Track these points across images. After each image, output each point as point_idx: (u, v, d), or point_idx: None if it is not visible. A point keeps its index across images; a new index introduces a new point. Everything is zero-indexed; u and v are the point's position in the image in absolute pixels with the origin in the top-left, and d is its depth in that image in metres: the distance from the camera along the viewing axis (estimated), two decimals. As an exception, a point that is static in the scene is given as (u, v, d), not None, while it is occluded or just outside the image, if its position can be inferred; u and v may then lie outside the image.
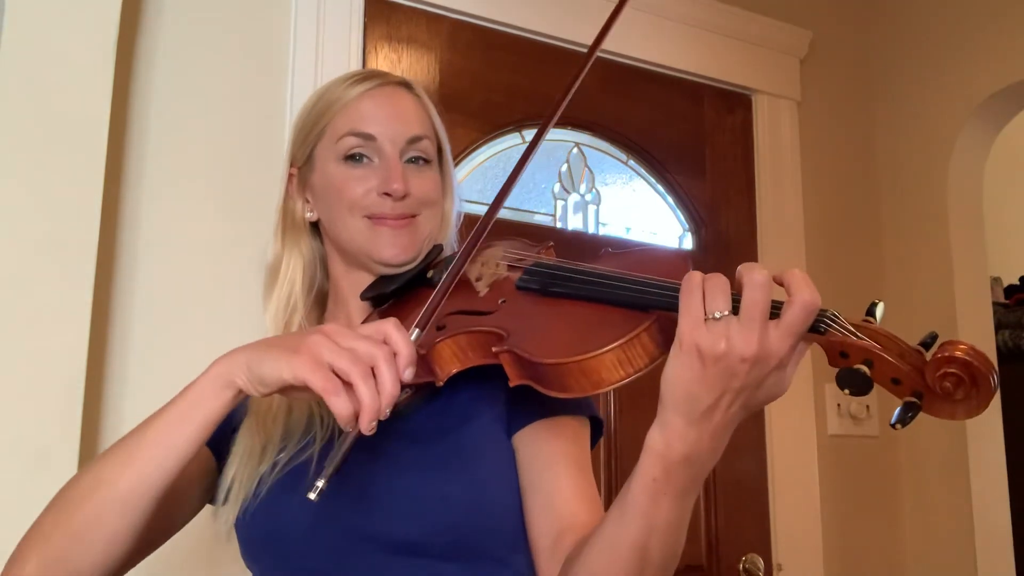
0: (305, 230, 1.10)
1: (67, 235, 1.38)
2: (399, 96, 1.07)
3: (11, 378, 1.32)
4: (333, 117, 1.05)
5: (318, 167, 1.06)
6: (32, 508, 1.05)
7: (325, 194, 1.05)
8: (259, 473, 0.93)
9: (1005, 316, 2.79)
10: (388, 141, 1.03)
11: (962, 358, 0.67)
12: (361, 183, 1.02)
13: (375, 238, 1.01)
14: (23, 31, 1.39)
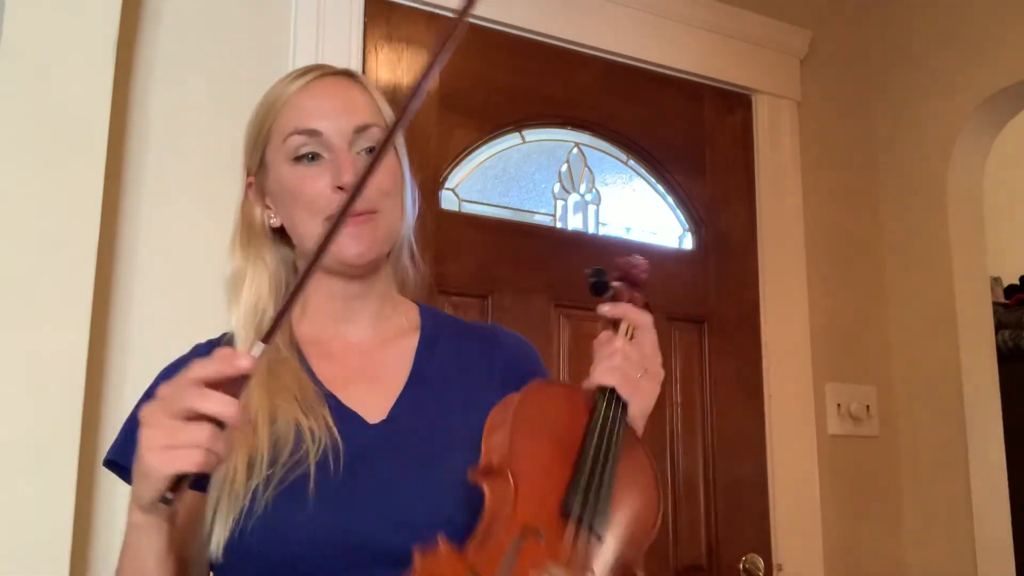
0: (267, 238, 1.06)
1: (67, 235, 1.38)
2: (341, 86, 1.04)
3: (11, 378, 1.32)
4: (276, 117, 1.02)
5: (271, 172, 1.02)
6: (32, 508, 1.05)
7: (282, 198, 1.01)
8: (250, 488, 0.88)
9: (1005, 316, 2.79)
10: (335, 133, 0.99)
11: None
12: (314, 181, 0.98)
13: (338, 242, 0.95)
14: (23, 31, 1.39)
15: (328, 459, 0.90)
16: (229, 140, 1.63)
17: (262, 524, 0.87)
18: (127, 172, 1.55)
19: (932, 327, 2.30)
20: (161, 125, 1.59)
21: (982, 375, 2.28)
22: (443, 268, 1.82)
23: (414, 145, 1.83)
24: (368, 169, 0.79)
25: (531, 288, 1.93)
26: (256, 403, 0.93)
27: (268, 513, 0.87)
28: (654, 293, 1.03)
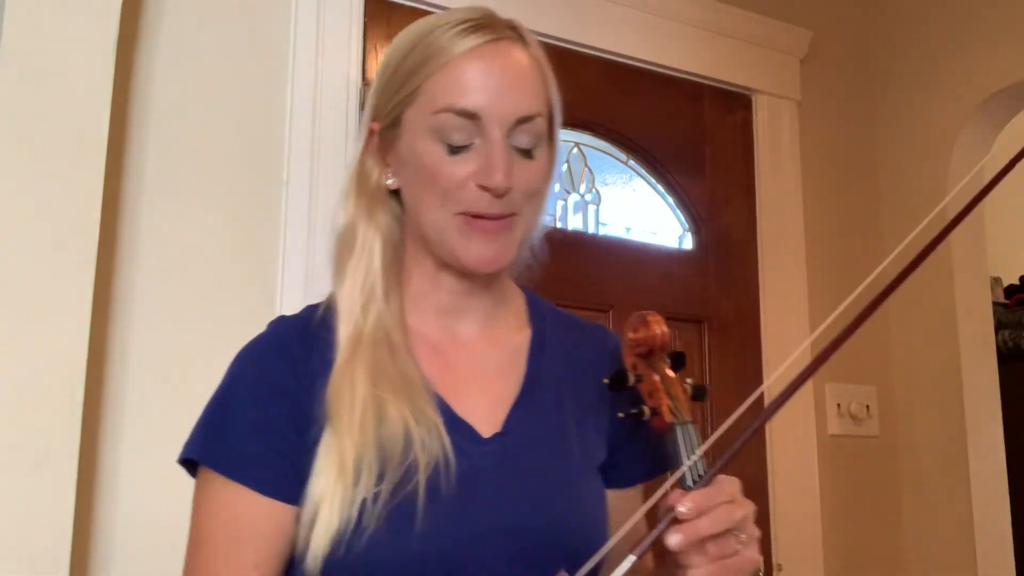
0: (384, 199, 0.92)
1: (67, 235, 1.38)
2: (512, 57, 0.87)
3: (11, 378, 1.32)
4: (431, 75, 0.85)
5: (405, 136, 0.88)
6: (32, 508, 1.05)
7: (412, 171, 0.88)
8: (357, 497, 0.78)
9: (1005, 316, 2.79)
10: (495, 121, 0.84)
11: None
12: (457, 169, 0.85)
13: (464, 241, 0.86)
14: (23, 31, 1.39)
15: (439, 475, 0.80)
16: (230, 140, 1.64)
17: (371, 545, 0.77)
18: (127, 172, 1.55)
19: (932, 327, 2.30)
20: (161, 125, 1.59)
21: (982, 375, 2.28)
22: (443, 268, 1.81)
23: (414, 145, 1.83)
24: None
25: (531, 288, 1.92)
26: (361, 394, 0.82)
27: (377, 533, 0.78)
28: (654, 293, 1.01)
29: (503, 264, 0.88)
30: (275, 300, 1.63)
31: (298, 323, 0.91)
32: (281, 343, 0.89)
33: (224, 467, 0.84)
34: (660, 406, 0.82)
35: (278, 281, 1.63)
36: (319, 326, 0.88)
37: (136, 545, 1.46)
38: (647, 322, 0.86)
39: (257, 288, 1.62)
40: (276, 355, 0.88)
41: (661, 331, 0.85)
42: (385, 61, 0.91)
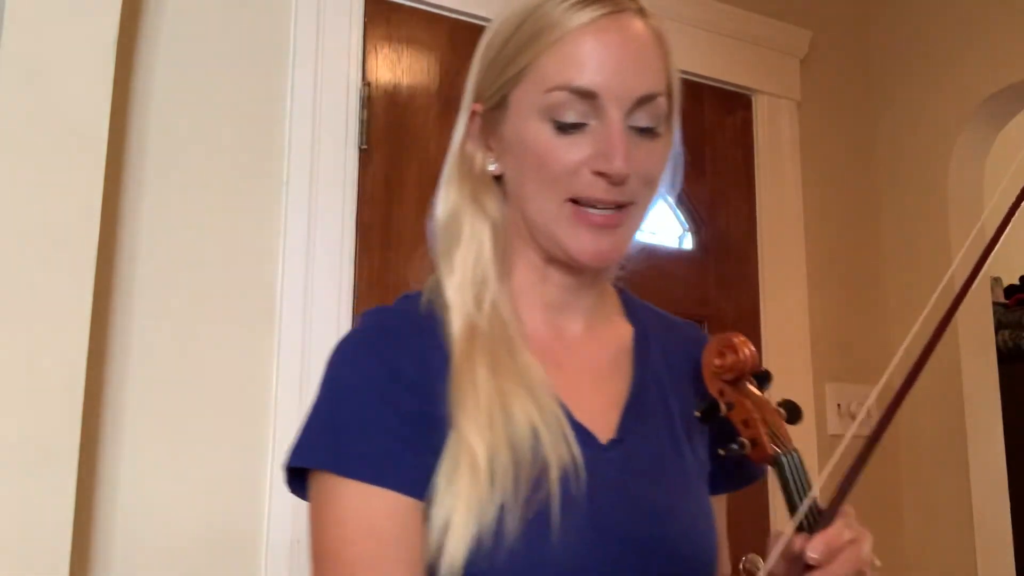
0: (490, 184, 0.86)
1: (67, 235, 1.38)
2: (633, 30, 0.80)
3: (11, 378, 1.32)
4: (542, 52, 0.79)
5: (512, 117, 0.82)
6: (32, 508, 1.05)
7: (519, 156, 0.82)
8: (494, 501, 0.72)
9: (1005, 316, 2.79)
10: (614, 100, 0.77)
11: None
12: (570, 153, 0.78)
13: (573, 231, 0.79)
14: (23, 31, 1.39)
15: (569, 482, 0.75)
16: (229, 139, 1.64)
17: (511, 555, 0.72)
18: (127, 172, 1.55)
19: (932, 327, 2.30)
20: (161, 125, 1.59)
21: (982, 375, 2.28)
22: (443, 268, 1.81)
23: (414, 145, 1.83)
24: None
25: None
26: (485, 390, 0.76)
27: (517, 541, 0.72)
28: (654, 293, 1.01)
29: (617, 258, 0.83)
30: (275, 300, 1.63)
31: (405, 315, 0.84)
32: (398, 334, 0.81)
33: (358, 470, 0.74)
34: (759, 437, 0.78)
35: (278, 281, 1.63)
36: (426, 318, 0.82)
37: (136, 545, 1.46)
38: (733, 345, 0.80)
39: (257, 288, 1.62)
40: (395, 347, 0.80)
41: (749, 352, 0.80)
42: (489, 38, 0.85)
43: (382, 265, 1.75)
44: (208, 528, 1.52)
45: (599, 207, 0.79)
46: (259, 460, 1.57)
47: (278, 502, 1.56)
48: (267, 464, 1.57)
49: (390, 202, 1.78)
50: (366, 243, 1.73)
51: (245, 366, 1.59)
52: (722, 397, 0.80)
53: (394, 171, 1.79)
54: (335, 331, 1.66)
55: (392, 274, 1.76)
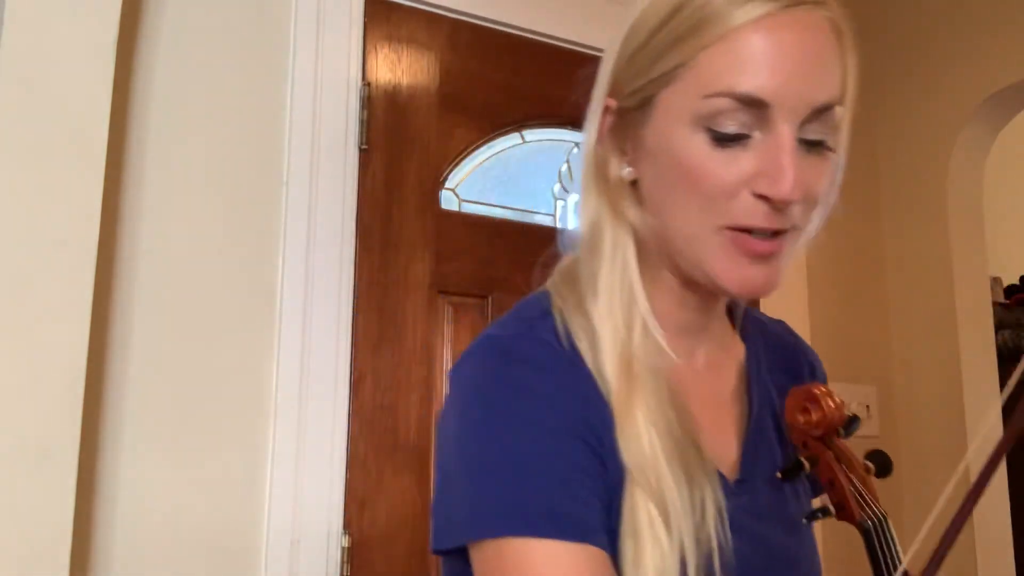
0: (626, 190, 0.74)
1: (67, 235, 1.38)
2: (813, 28, 0.68)
3: (11, 378, 1.32)
4: (701, 50, 0.66)
5: (657, 121, 0.70)
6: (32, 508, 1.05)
7: (664, 167, 0.70)
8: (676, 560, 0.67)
9: (1005, 316, 2.79)
10: (786, 110, 0.66)
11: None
12: (729, 171, 0.67)
13: (726, 259, 0.68)
14: (23, 31, 1.39)
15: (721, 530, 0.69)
16: (229, 140, 1.64)
17: None
18: (127, 172, 1.55)
19: (932, 327, 2.31)
20: (161, 125, 1.59)
21: (982, 375, 2.28)
22: (443, 268, 1.82)
23: (414, 145, 1.83)
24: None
25: (531, 288, 1.92)
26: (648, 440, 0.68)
27: None
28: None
29: (774, 289, 0.70)
30: (275, 300, 1.63)
31: (549, 345, 0.71)
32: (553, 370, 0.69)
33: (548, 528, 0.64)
34: (845, 500, 0.71)
35: (278, 281, 1.64)
36: (570, 348, 0.71)
37: (136, 545, 1.46)
38: (816, 399, 0.72)
39: (257, 288, 1.62)
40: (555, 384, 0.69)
41: (834, 405, 0.72)
42: (635, 22, 0.73)
43: (382, 265, 1.75)
44: (208, 528, 1.52)
45: (757, 233, 0.67)
46: (259, 460, 1.57)
47: (278, 502, 1.56)
48: (267, 464, 1.57)
49: (390, 202, 1.78)
50: (366, 243, 1.73)
51: (245, 366, 1.59)
52: (805, 450, 0.74)
53: (394, 171, 1.79)
54: (335, 331, 1.66)
55: (392, 274, 1.76)
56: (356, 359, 1.69)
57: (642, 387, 0.69)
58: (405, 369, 1.73)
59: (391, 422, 1.70)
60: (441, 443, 0.72)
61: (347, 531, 1.62)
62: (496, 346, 0.71)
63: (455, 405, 0.70)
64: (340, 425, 1.65)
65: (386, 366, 1.72)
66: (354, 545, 1.63)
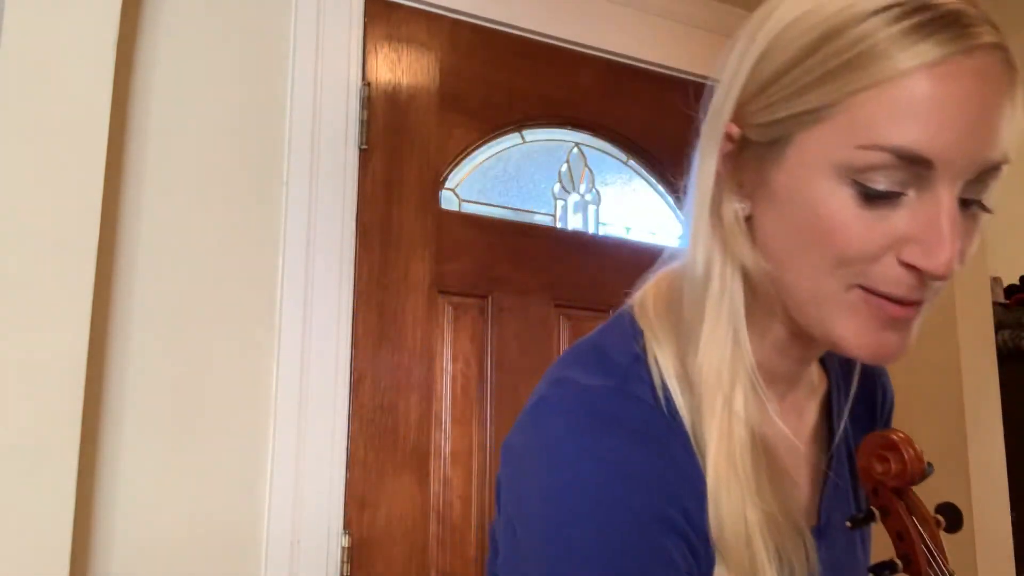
0: (741, 229, 0.65)
1: (67, 235, 1.38)
2: (994, 76, 0.57)
3: (11, 378, 1.32)
4: (859, 92, 0.56)
5: (791, 164, 0.61)
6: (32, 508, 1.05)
7: (793, 217, 0.61)
8: None
9: (1005, 316, 2.78)
10: (952, 171, 0.57)
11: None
12: (875, 232, 0.58)
13: (855, 322, 0.61)
14: (23, 31, 1.39)
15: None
16: (229, 140, 1.64)
17: None
18: (127, 171, 1.55)
19: (932, 327, 2.30)
20: (161, 125, 1.59)
21: (982, 375, 2.28)
22: (443, 268, 1.82)
23: (414, 145, 1.83)
24: None
25: (531, 288, 1.93)
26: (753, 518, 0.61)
27: None
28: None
29: (905, 354, 0.63)
30: (275, 300, 1.63)
31: (648, 408, 0.63)
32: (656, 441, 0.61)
33: None
34: (914, 556, 0.67)
35: (278, 281, 1.64)
36: (668, 408, 0.63)
37: (136, 545, 1.46)
38: (896, 448, 0.67)
39: (257, 288, 1.62)
40: (659, 462, 0.61)
41: (914, 455, 0.66)
42: (772, 45, 0.62)
43: (382, 265, 1.75)
44: (208, 528, 1.52)
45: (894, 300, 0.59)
46: (259, 460, 1.57)
47: (278, 502, 1.56)
48: (267, 464, 1.58)
49: (390, 202, 1.78)
50: (366, 243, 1.73)
51: (245, 366, 1.59)
52: (876, 498, 0.69)
53: (394, 171, 1.80)
54: (335, 331, 1.66)
55: (392, 274, 1.76)
56: (356, 359, 1.69)
57: (741, 453, 0.62)
58: (405, 369, 1.74)
59: (391, 422, 1.70)
60: (515, 498, 0.64)
61: (347, 531, 1.62)
62: (587, 406, 0.62)
63: (536, 468, 0.62)
64: (340, 425, 1.65)
65: (386, 366, 1.72)
66: (354, 545, 1.63)
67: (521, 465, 0.64)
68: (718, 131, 0.65)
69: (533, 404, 0.64)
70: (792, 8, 0.61)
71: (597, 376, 0.63)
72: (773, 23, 0.62)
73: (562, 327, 1.96)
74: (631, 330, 0.67)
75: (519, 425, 0.65)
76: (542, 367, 0.72)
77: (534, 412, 0.64)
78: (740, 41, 0.67)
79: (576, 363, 0.66)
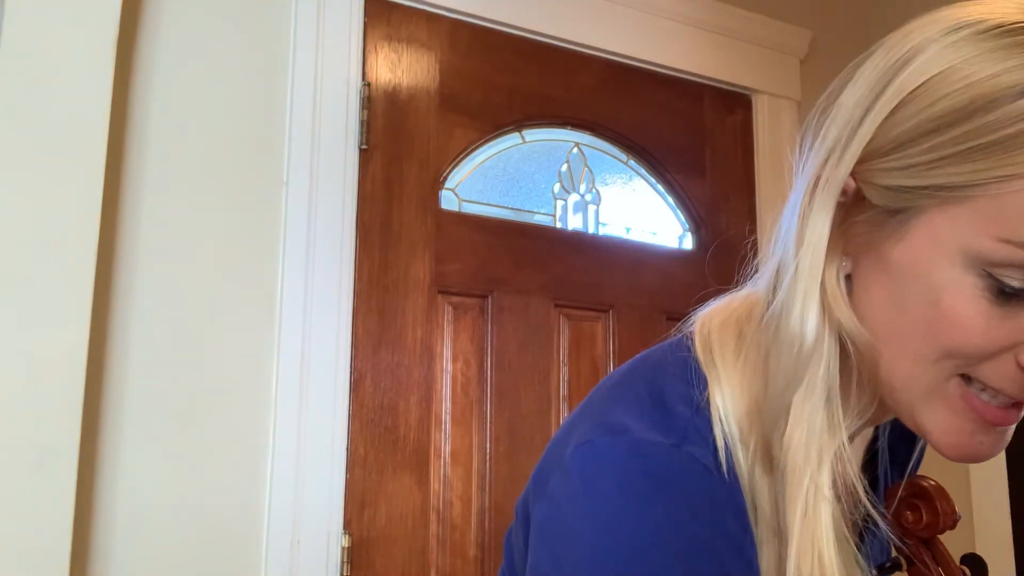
0: (842, 292, 0.59)
1: (67, 235, 1.38)
2: None
3: (11, 378, 1.32)
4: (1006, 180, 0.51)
5: (914, 241, 0.55)
6: (32, 508, 1.05)
7: (906, 295, 0.56)
8: None
9: (1005, 316, 2.78)
10: None
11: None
12: (1000, 333, 0.53)
13: (949, 417, 0.56)
14: (23, 31, 1.39)
15: None
16: (229, 140, 1.64)
17: None
18: (127, 172, 1.55)
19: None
20: (161, 125, 1.59)
21: (982, 375, 2.28)
22: (443, 268, 1.82)
23: (414, 145, 1.83)
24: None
25: (531, 288, 1.93)
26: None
27: None
28: (654, 293, 1.00)
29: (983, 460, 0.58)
30: (275, 300, 1.63)
31: (710, 476, 0.57)
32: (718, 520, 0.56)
33: None
34: None
35: (278, 281, 1.64)
36: (731, 476, 0.58)
37: (136, 545, 1.46)
38: (930, 499, 0.64)
39: (257, 288, 1.62)
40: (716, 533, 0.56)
41: (948, 507, 0.64)
42: (911, 92, 0.55)
43: (382, 265, 1.75)
44: (208, 528, 1.52)
45: (997, 396, 0.55)
46: (259, 460, 1.57)
47: (278, 502, 1.56)
48: (267, 464, 1.58)
49: (390, 202, 1.78)
50: (366, 243, 1.73)
51: (245, 366, 1.59)
52: (904, 548, 0.66)
53: (394, 171, 1.80)
54: (335, 331, 1.66)
55: (392, 274, 1.76)
56: (356, 359, 1.69)
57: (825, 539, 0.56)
58: (405, 369, 1.74)
59: (391, 422, 1.70)
60: (549, 549, 0.59)
61: (347, 531, 1.62)
62: (642, 464, 0.56)
63: (581, 526, 0.56)
64: (340, 425, 1.65)
65: (386, 366, 1.72)
66: (354, 545, 1.63)
67: (561, 514, 0.58)
68: (836, 182, 0.58)
69: (580, 447, 0.58)
70: (937, 60, 0.54)
71: (657, 431, 0.57)
72: (912, 73, 0.55)
73: (562, 327, 1.96)
74: (692, 371, 0.61)
75: (559, 463, 0.59)
76: (542, 367, 0.71)
77: (581, 458, 0.57)
78: (863, 80, 0.60)
79: (633, 408, 0.59)
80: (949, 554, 0.66)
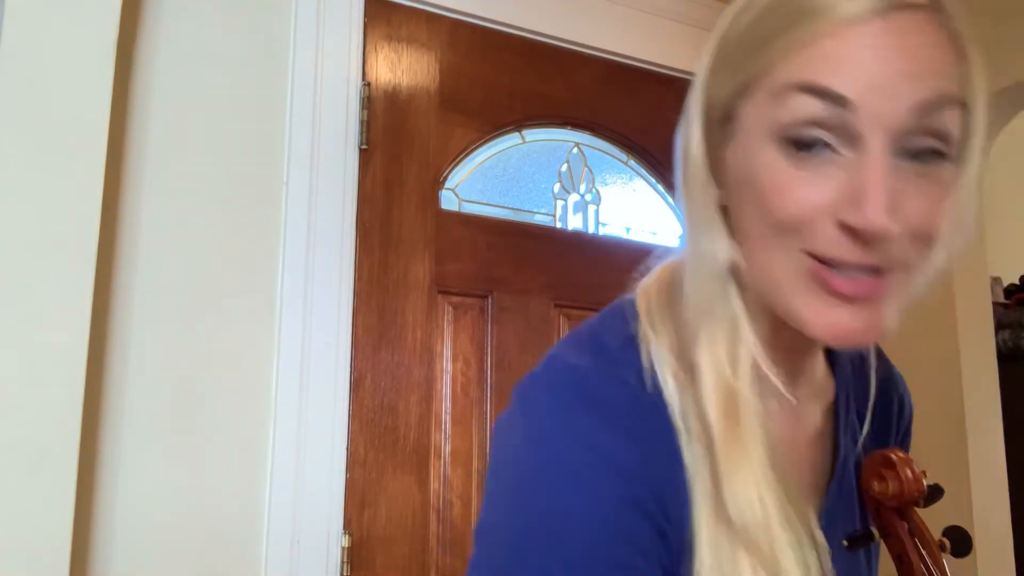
0: (720, 221, 0.63)
1: (67, 235, 1.38)
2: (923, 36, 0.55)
3: (11, 378, 1.32)
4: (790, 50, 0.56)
5: (740, 140, 0.60)
6: (32, 508, 1.05)
7: (745, 193, 0.60)
8: None
9: (1005, 316, 2.79)
10: (877, 118, 0.54)
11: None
12: (806, 192, 0.56)
13: (811, 299, 0.57)
14: (23, 31, 1.39)
15: None
16: (229, 140, 1.64)
17: None
18: (127, 172, 1.55)
19: (932, 327, 2.30)
20: (161, 125, 1.59)
21: (982, 375, 2.28)
22: (443, 268, 1.82)
23: (414, 145, 1.83)
24: None
25: (531, 288, 1.93)
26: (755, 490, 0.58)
27: None
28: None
29: (877, 338, 0.58)
30: (275, 300, 1.63)
31: (634, 394, 0.60)
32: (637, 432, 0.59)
33: None
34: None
35: (278, 281, 1.64)
36: (655, 395, 0.61)
37: (136, 545, 1.46)
38: (893, 466, 0.65)
39: (257, 288, 1.62)
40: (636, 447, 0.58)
41: (912, 476, 0.65)
42: (724, 27, 0.61)
43: (382, 265, 1.75)
44: (208, 527, 1.52)
45: (845, 270, 0.56)
46: (259, 460, 1.57)
47: (278, 501, 1.56)
48: (267, 464, 1.58)
49: (390, 202, 1.78)
50: (366, 243, 1.73)
51: (245, 366, 1.59)
52: (878, 518, 0.68)
53: (394, 171, 1.80)
54: (335, 331, 1.66)
55: (392, 274, 1.76)
56: (356, 359, 1.69)
57: (750, 435, 0.59)
58: (405, 369, 1.74)
59: (391, 422, 1.70)
60: (496, 461, 0.63)
61: (347, 531, 1.62)
62: (573, 382, 0.60)
63: (515, 439, 0.61)
64: (340, 425, 1.65)
65: (386, 366, 1.72)
66: (354, 545, 1.63)
67: (502, 436, 0.63)
68: (697, 120, 0.63)
69: (522, 380, 0.63)
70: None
71: (586, 356, 0.62)
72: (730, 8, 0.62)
73: (562, 327, 1.96)
74: (627, 315, 0.65)
75: (510, 402, 0.65)
76: (542, 367, 0.72)
77: (522, 387, 0.63)
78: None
79: (570, 344, 0.65)
80: (926, 526, 0.66)
